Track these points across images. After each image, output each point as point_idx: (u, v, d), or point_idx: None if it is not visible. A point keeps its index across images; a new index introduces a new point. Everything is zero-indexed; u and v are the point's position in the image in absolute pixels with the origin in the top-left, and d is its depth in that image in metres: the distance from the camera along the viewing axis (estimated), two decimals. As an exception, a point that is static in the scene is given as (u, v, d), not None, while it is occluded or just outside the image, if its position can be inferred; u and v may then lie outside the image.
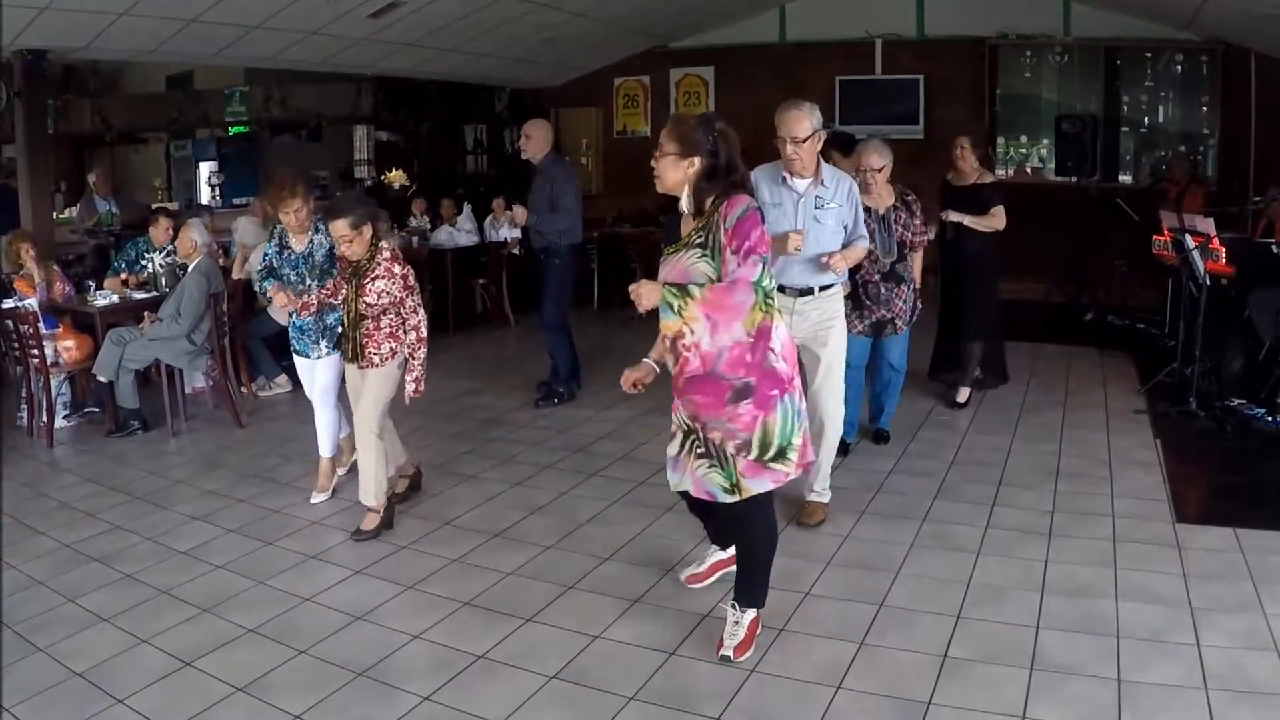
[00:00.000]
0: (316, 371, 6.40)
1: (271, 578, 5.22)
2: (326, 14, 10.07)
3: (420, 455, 6.73)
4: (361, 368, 5.79)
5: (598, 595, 4.87)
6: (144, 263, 8.95)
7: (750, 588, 4.29)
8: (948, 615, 4.49)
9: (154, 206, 12.12)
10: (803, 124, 5.28)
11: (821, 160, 5.50)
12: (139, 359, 7.79)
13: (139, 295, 8.63)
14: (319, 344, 6.33)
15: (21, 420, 8.19)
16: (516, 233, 11.87)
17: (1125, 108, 12.53)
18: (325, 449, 6.47)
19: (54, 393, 7.92)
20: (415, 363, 5.78)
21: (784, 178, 5.42)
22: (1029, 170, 13.11)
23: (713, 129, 4.14)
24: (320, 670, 4.28)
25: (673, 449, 4.23)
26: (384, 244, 5.78)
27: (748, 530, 4.25)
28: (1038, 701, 3.76)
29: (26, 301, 8.05)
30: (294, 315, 6.32)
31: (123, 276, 8.85)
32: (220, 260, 9.31)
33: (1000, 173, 12.86)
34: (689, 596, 4.81)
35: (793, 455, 4.05)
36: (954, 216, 7.51)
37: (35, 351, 7.74)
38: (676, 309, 3.95)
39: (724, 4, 13.48)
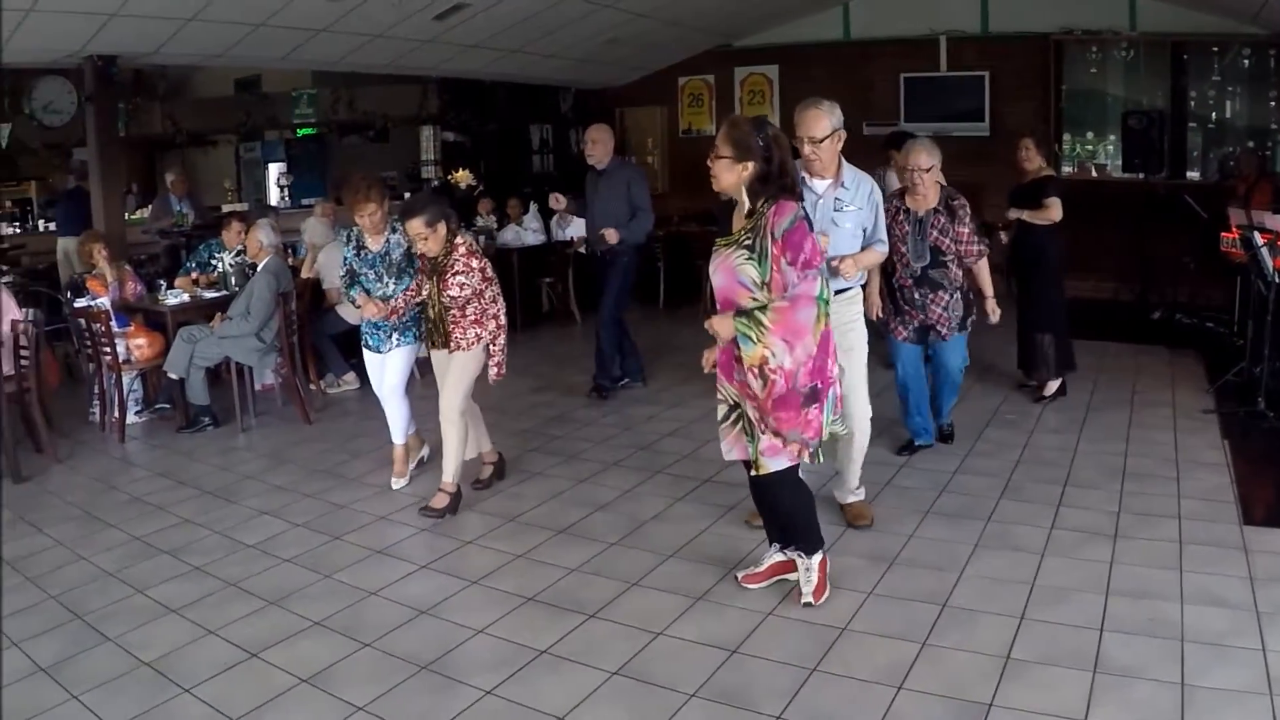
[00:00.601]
0: (388, 365, 6.56)
1: (338, 571, 5.30)
2: (392, 17, 10.16)
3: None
4: (450, 351, 6.10)
5: (660, 592, 4.90)
6: (215, 263, 9.11)
7: (803, 538, 4.67)
8: (1011, 616, 4.47)
9: (225, 210, 12.33)
10: (821, 123, 5.26)
11: (843, 161, 5.43)
12: (209, 356, 7.92)
13: (209, 294, 8.78)
14: (390, 337, 6.51)
15: (94, 416, 8.36)
16: (582, 231, 11.92)
17: (1192, 103, 12.35)
18: (399, 437, 6.68)
19: (126, 389, 8.08)
20: (496, 347, 6.20)
21: (803, 178, 5.29)
22: (1093, 170, 12.96)
23: (766, 133, 4.29)
24: (384, 663, 4.34)
25: (720, 417, 4.58)
26: (459, 240, 6.10)
27: (775, 491, 4.58)
28: (1099, 705, 3.74)
29: (99, 300, 8.21)
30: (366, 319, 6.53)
31: (193, 276, 9.01)
32: (289, 260, 9.45)
33: (1067, 169, 12.75)
34: (751, 595, 4.82)
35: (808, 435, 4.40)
36: (1013, 213, 7.77)
37: (107, 349, 7.90)
38: (755, 338, 4.20)
39: (787, 2, 13.44)
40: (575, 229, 12.06)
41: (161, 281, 9.15)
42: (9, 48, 8.78)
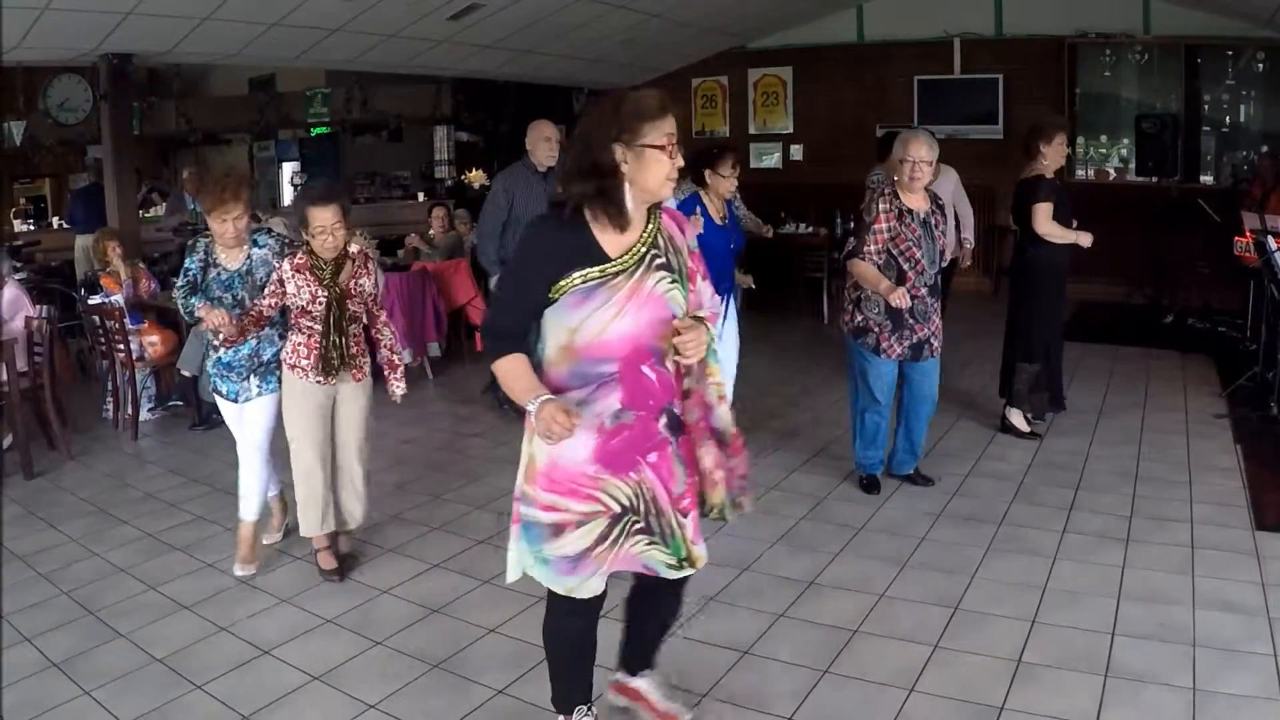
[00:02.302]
0: (247, 416, 5.40)
1: (350, 569, 5.31)
2: (406, 17, 10.18)
3: (502, 450, 6.79)
4: (357, 379, 5.25)
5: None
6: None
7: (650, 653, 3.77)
8: (1022, 620, 4.47)
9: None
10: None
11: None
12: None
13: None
14: (249, 382, 5.33)
15: (107, 412, 8.38)
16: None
17: (1206, 106, 12.32)
18: (252, 510, 5.42)
19: (139, 386, 8.10)
20: (398, 360, 5.45)
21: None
22: (1110, 172, 12.94)
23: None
24: (396, 661, 4.35)
25: (581, 542, 3.19)
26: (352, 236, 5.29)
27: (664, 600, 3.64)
28: (1111, 709, 3.74)
29: (113, 298, 8.24)
30: (218, 350, 5.32)
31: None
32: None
33: (1080, 173, 12.73)
34: (763, 596, 4.83)
35: None
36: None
37: (121, 346, 7.93)
38: (712, 348, 3.34)
39: (801, 4, 13.43)
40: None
41: (175, 279, 9.17)
42: (25, 45, 8.82)
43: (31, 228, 15.20)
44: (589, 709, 3.55)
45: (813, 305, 11.89)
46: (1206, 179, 12.35)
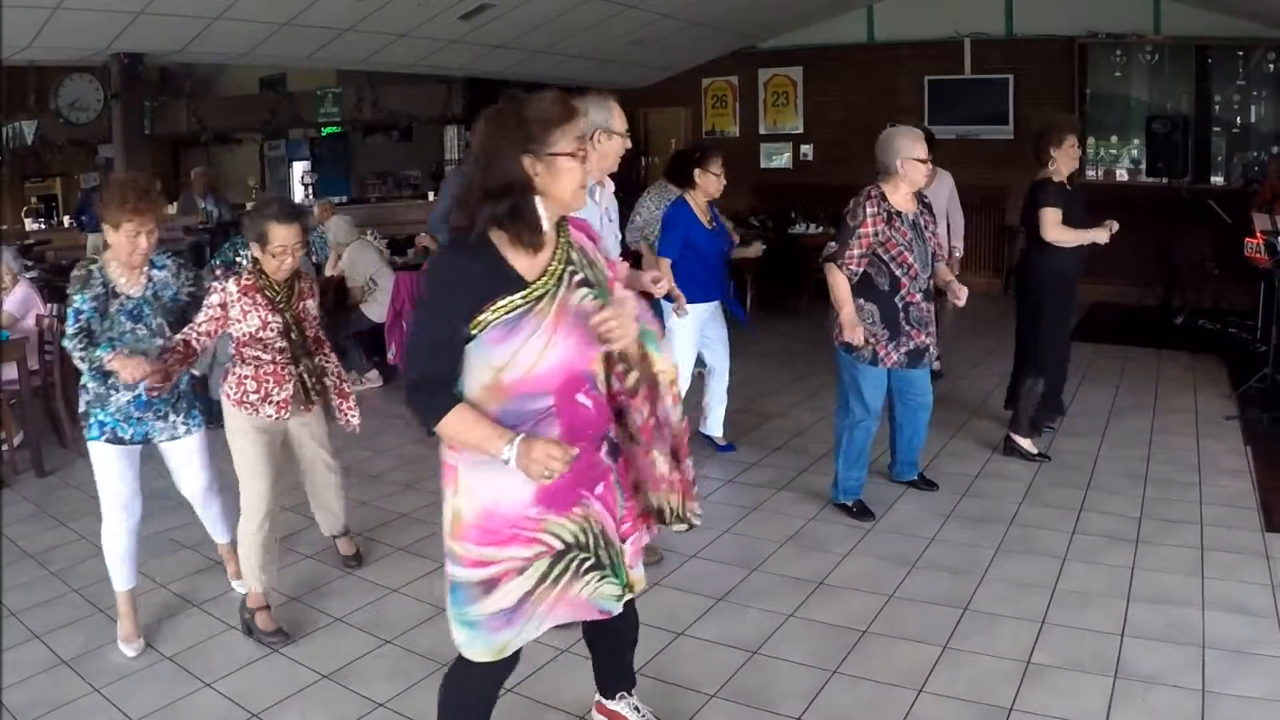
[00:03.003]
0: (183, 458, 4.81)
1: (360, 568, 5.33)
2: (417, 17, 10.20)
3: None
4: (309, 408, 4.88)
5: (682, 592, 4.91)
6: (239, 260, 9.14)
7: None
8: (1032, 620, 4.47)
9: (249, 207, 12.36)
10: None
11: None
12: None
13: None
14: (174, 418, 4.69)
15: (119, 412, 8.38)
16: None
17: (1216, 107, 12.28)
18: (224, 534, 5.14)
19: (149, 385, 8.09)
20: (348, 388, 5.04)
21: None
22: (1123, 174, 12.90)
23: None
24: (405, 660, 4.36)
25: (520, 587, 2.92)
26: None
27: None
28: (1120, 710, 3.74)
29: (124, 296, 8.23)
30: (133, 393, 4.52)
31: (217, 273, 9.04)
32: (312, 258, 9.50)
33: (1090, 174, 12.70)
34: (772, 596, 4.83)
35: None
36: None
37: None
38: (648, 331, 3.12)
39: (811, 4, 13.43)
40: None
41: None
42: (36, 45, 8.87)
43: (42, 226, 15.24)
44: None
45: (822, 305, 11.84)
46: (1217, 180, 12.31)
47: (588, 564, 3.00)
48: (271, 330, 4.61)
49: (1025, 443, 6.72)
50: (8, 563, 5.53)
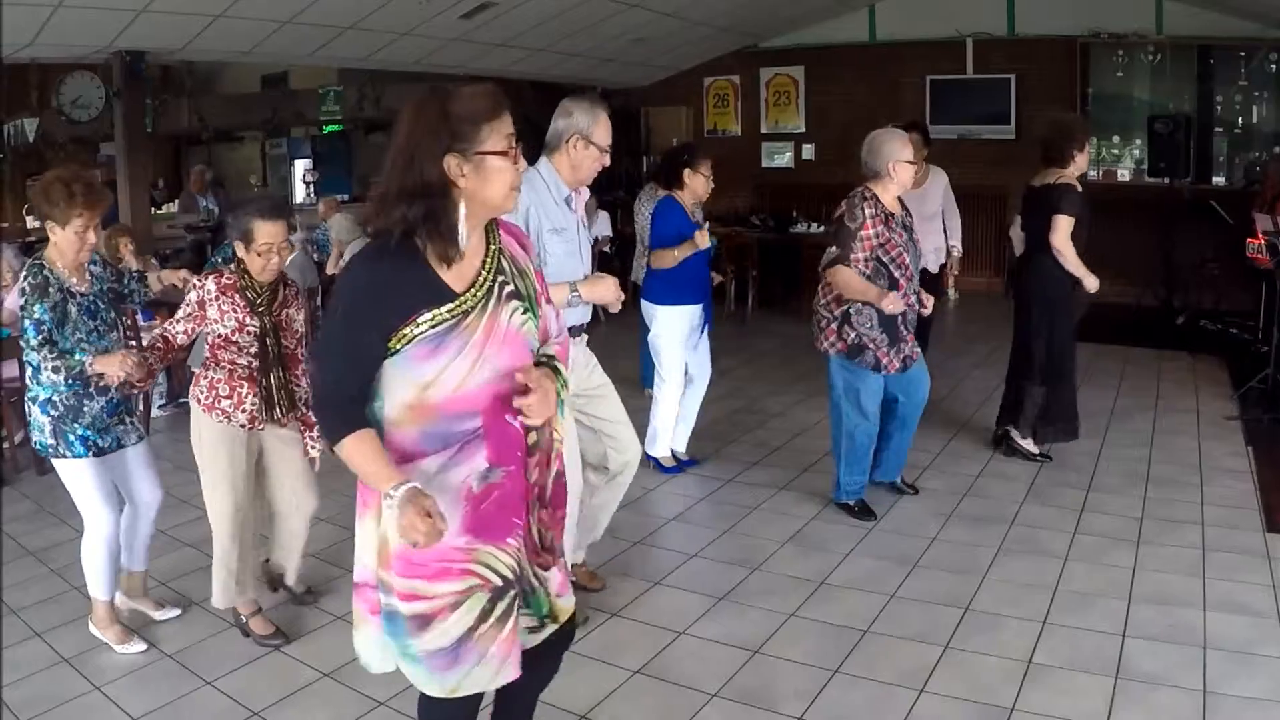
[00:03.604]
0: (145, 461, 4.69)
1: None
2: (419, 15, 10.19)
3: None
4: (284, 425, 4.61)
5: (683, 591, 4.91)
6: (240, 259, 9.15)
7: None
8: (1033, 621, 4.47)
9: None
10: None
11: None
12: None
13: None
14: (125, 424, 4.55)
15: (120, 409, 8.38)
16: (608, 230, 11.94)
17: (1218, 107, 12.27)
18: (140, 562, 4.84)
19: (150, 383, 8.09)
20: (313, 418, 4.41)
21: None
22: (1125, 174, 12.90)
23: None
24: (408, 660, 4.35)
25: (459, 625, 2.61)
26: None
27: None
28: (1121, 710, 3.74)
29: (126, 294, 8.23)
30: (105, 398, 4.41)
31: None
32: (314, 256, 9.51)
33: (1091, 174, 12.69)
34: (773, 595, 4.83)
35: None
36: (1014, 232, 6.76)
37: (132, 343, 7.93)
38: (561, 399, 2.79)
39: (813, 4, 13.43)
40: (601, 227, 12.06)
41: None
42: (38, 43, 8.86)
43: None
44: None
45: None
46: (1219, 180, 12.30)
47: (517, 600, 2.71)
48: (248, 334, 4.39)
49: (1026, 443, 6.70)
50: (8, 560, 5.53)
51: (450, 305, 2.51)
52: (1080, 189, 6.27)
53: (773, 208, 13.79)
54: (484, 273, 2.60)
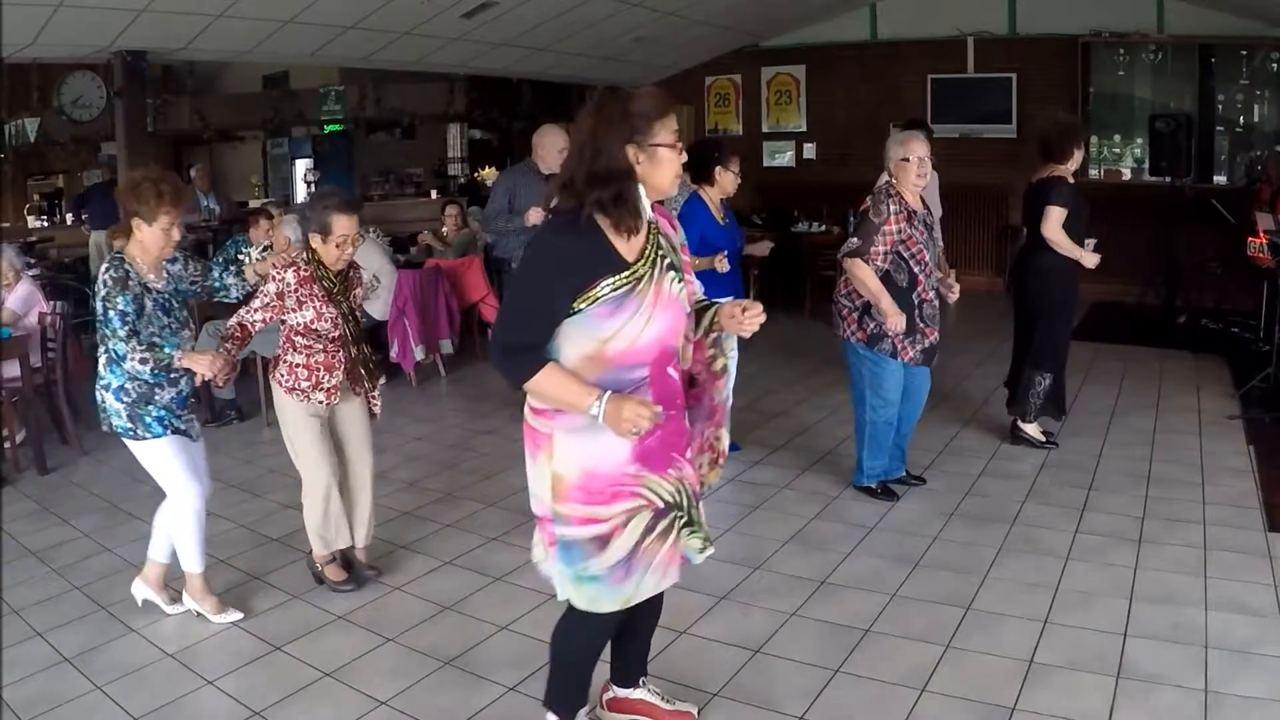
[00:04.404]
0: (203, 456, 4.91)
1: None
2: (420, 14, 10.19)
3: (515, 446, 6.82)
4: (358, 394, 5.06)
5: (685, 591, 4.87)
6: (241, 258, 9.15)
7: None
8: (1035, 620, 4.46)
9: (254, 206, 12.41)
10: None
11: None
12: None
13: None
14: (193, 415, 4.84)
15: (121, 409, 8.39)
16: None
17: (1220, 106, 12.26)
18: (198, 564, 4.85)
19: (152, 383, 8.10)
20: (378, 379, 5.16)
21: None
22: (1124, 173, 12.89)
23: None
24: (408, 658, 4.36)
25: (629, 540, 3.13)
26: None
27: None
28: (1123, 710, 3.73)
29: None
30: (175, 389, 4.62)
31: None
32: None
33: (1093, 173, 12.68)
34: (775, 595, 4.83)
35: None
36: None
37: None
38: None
39: (814, 3, 13.43)
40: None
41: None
42: (39, 42, 8.86)
43: (45, 224, 15.27)
44: (588, 710, 3.60)
45: (825, 304, 11.85)
46: (1220, 179, 12.29)
47: (682, 521, 3.23)
48: (326, 321, 4.76)
49: (1031, 429, 6.81)
50: (9, 560, 5.54)
51: (627, 273, 2.98)
52: (1072, 182, 6.55)
53: (773, 207, 13.78)
54: (648, 247, 3.07)
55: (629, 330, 2.98)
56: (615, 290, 2.96)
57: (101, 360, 4.51)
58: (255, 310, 4.74)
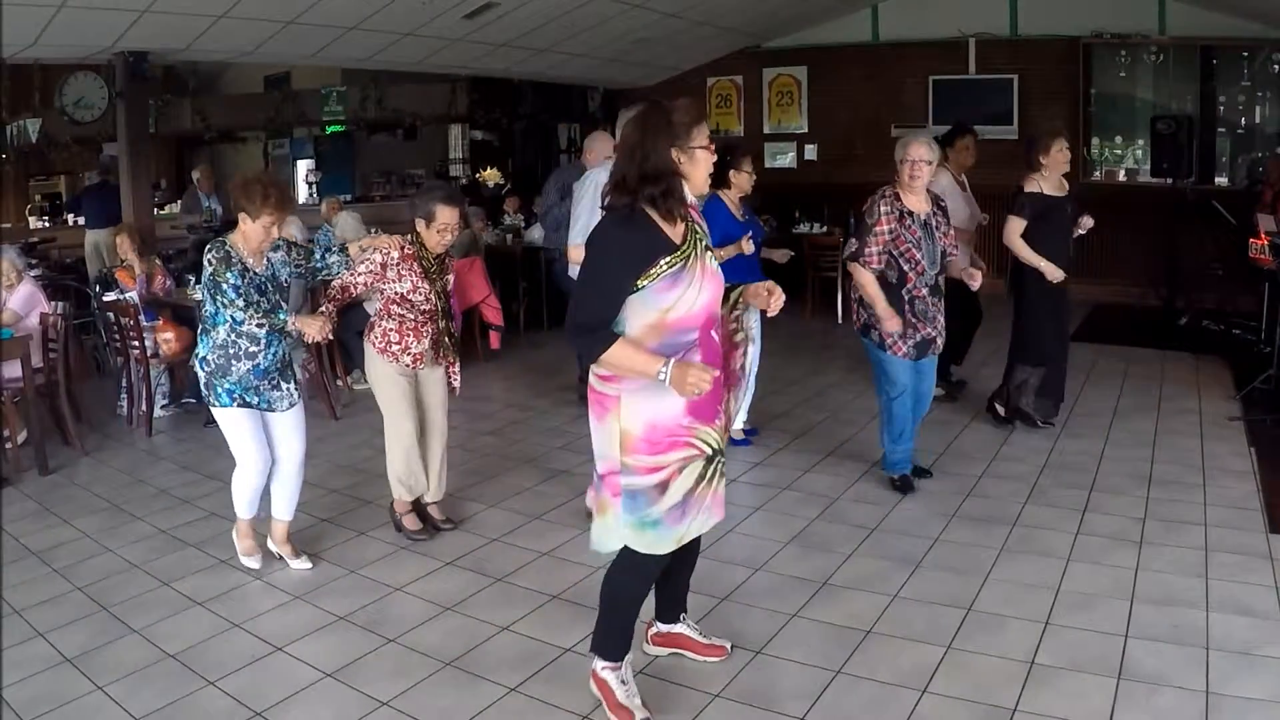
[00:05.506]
0: (288, 426, 5.33)
1: (363, 567, 5.33)
2: (422, 15, 10.19)
3: (515, 448, 6.82)
4: (439, 363, 5.68)
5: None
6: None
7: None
8: (1036, 621, 4.46)
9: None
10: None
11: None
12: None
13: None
14: (286, 386, 5.28)
15: (121, 409, 8.41)
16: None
17: (1221, 108, 12.27)
18: (288, 511, 5.46)
19: (153, 383, 8.12)
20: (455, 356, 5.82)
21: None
22: (1125, 174, 12.89)
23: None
24: (408, 659, 4.36)
25: (684, 485, 3.62)
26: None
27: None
28: (1124, 711, 3.73)
29: (128, 294, 8.26)
30: (252, 362, 5.07)
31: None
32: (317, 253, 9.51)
33: (1094, 174, 12.68)
34: (776, 596, 4.83)
35: None
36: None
37: (135, 343, 7.95)
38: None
39: (816, 4, 13.43)
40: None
41: (190, 276, 9.20)
42: (40, 43, 8.87)
43: (47, 224, 15.27)
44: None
45: (827, 304, 11.89)
46: (1221, 180, 12.31)
47: (724, 466, 3.78)
48: (419, 294, 5.40)
49: (997, 405, 7.33)
50: (10, 560, 5.53)
51: (678, 253, 3.48)
52: (1040, 192, 6.87)
53: (775, 208, 13.77)
54: (689, 232, 3.57)
55: (685, 300, 3.46)
56: (671, 267, 3.44)
57: (200, 331, 5.14)
58: (359, 275, 5.38)
